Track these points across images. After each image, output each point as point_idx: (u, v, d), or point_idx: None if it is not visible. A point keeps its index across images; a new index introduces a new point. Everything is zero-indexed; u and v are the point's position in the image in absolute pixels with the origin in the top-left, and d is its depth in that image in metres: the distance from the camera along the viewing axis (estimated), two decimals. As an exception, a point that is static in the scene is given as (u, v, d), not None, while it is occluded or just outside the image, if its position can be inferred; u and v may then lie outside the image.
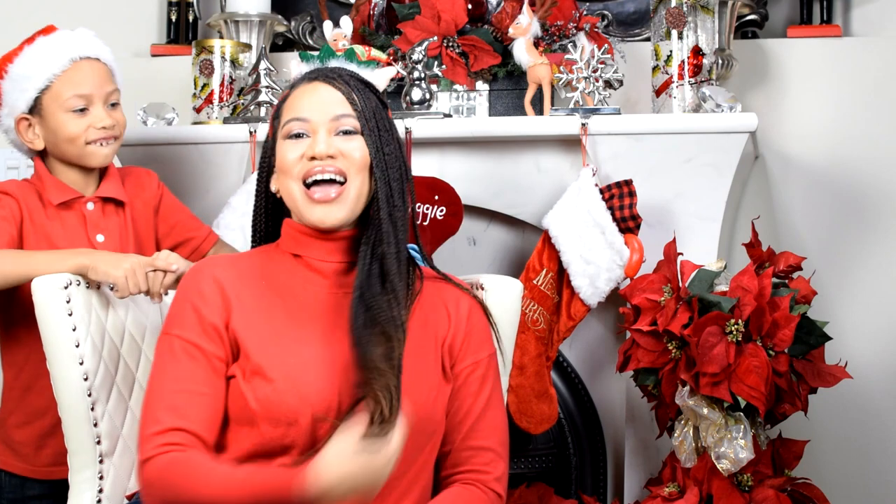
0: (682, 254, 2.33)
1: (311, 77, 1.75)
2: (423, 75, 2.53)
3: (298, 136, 1.71)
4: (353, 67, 1.82)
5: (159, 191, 2.30)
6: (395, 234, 1.71)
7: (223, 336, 1.68)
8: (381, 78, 1.87)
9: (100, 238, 2.17)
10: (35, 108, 2.15)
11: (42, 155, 2.21)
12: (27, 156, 2.25)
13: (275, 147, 1.76)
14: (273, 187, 1.78)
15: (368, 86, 1.77)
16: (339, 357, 1.65)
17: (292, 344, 1.68)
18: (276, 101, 2.58)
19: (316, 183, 1.70)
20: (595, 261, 2.41)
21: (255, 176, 2.53)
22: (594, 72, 2.50)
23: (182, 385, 1.65)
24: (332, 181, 1.70)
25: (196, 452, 1.61)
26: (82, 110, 2.14)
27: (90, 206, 2.18)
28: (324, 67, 1.80)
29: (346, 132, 1.70)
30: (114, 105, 2.19)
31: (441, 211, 2.45)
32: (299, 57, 1.86)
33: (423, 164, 2.53)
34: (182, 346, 1.67)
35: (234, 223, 2.53)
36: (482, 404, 1.75)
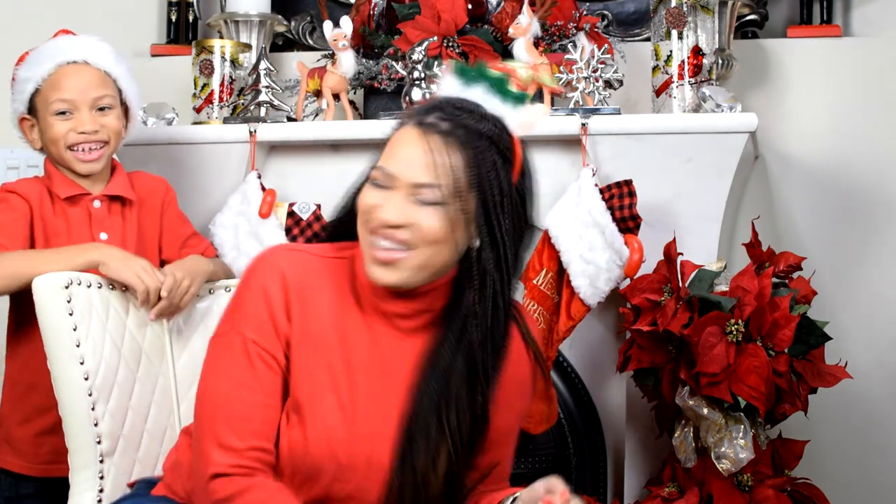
0: (682, 254, 2.33)
1: (418, 120, 1.55)
2: (423, 75, 2.53)
3: (380, 186, 1.56)
4: (496, 101, 1.57)
5: (167, 196, 2.32)
6: (489, 322, 1.57)
7: (286, 350, 1.60)
8: (528, 120, 1.59)
9: (103, 236, 2.19)
10: (31, 110, 2.22)
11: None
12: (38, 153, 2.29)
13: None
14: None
15: (479, 133, 1.54)
16: (384, 412, 1.59)
17: (340, 385, 1.59)
18: (276, 102, 2.60)
19: None
20: (595, 261, 2.40)
21: (253, 175, 2.55)
22: (594, 72, 2.50)
23: (259, 398, 1.57)
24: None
25: (270, 489, 1.56)
26: (65, 113, 2.18)
27: (97, 203, 2.20)
28: (438, 104, 1.57)
29: (423, 202, 1.53)
30: (102, 109, 2.20)
31: (441, 211, 2.44)
32: (454, 68, 1.60)
33: (423, 164, 2.53)
34: (257, 353, 1.58)
35: (229, 222, 2.54)
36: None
